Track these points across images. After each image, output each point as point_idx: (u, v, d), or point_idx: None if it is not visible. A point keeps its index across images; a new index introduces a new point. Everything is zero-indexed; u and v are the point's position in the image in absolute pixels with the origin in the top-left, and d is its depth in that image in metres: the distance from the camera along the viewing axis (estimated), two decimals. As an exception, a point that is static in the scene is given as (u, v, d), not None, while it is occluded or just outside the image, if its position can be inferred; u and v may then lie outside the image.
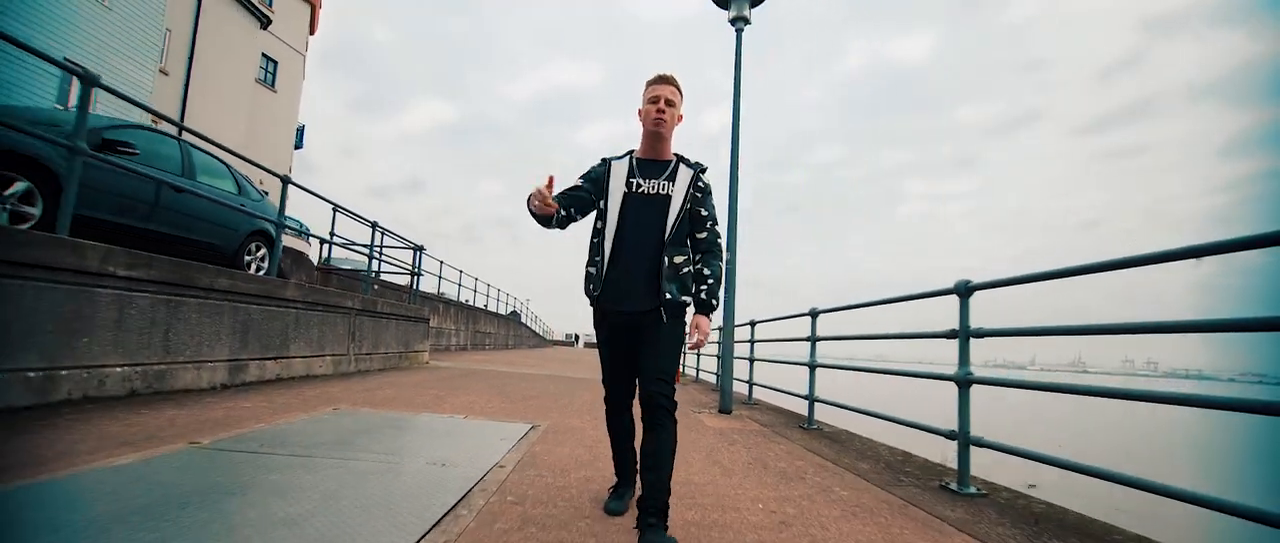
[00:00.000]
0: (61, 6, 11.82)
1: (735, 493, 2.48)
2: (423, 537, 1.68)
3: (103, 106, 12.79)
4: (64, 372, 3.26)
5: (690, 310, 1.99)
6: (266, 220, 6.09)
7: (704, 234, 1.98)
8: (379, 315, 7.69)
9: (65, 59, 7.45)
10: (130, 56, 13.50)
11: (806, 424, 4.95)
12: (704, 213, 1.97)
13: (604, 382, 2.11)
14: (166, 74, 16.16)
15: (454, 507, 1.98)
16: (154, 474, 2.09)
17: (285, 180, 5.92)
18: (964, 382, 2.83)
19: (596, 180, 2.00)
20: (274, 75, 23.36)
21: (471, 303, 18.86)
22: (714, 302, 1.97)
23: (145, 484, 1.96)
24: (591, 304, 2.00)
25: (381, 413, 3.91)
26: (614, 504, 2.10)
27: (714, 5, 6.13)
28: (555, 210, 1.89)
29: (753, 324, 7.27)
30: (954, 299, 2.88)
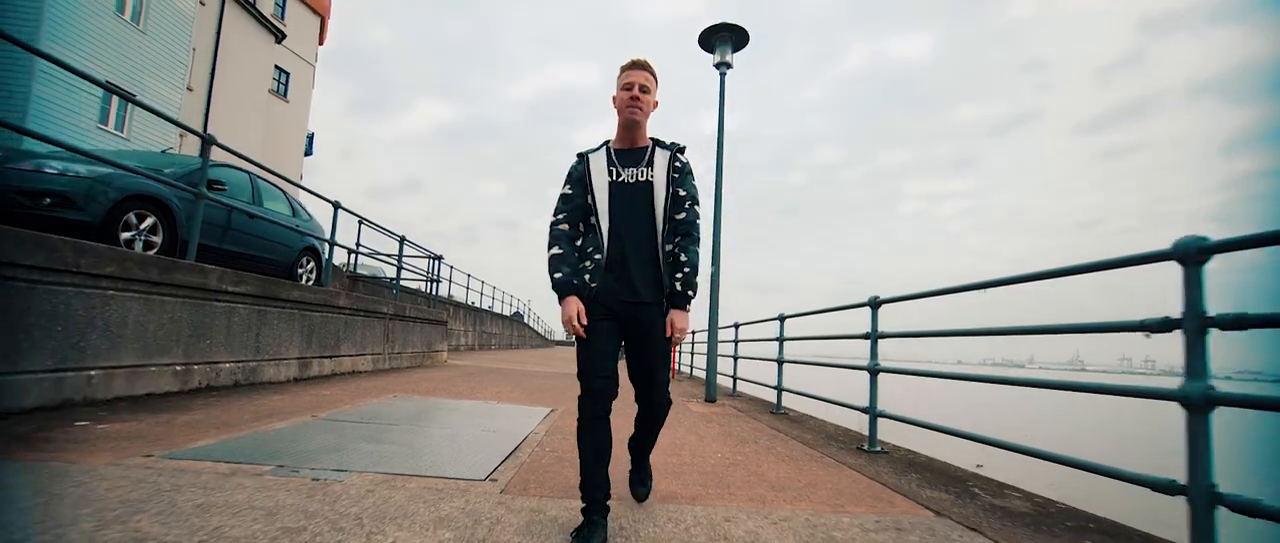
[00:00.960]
0: (102, 30, 12.78)
1: (703, 449, 3.49)
2: (503, 461, 2.70)
3: (139, 124, 13.72)
4: (196, 367, 4.27)
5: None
6: (317, 239, 7.10)
7: (683, 214, 1.91)
8: (407, 319, 8.70)
9: (106, 81, 8.16)
10: (162, 77, 14.48)
11: (775, 410, 5.96)
12: (683, 193, 1.92)
13: (584, 374, 1.83)
14: (191, 91, 17.13)
15: (513, 452, 2.99)
16: (306, 433, 3.09)
17: (336, 206, 6.93)
18: (873, 371, 3.86)
19: (580, 179, 1.93)
20: (286, 86, 24.31)
21: (478, 305, 19.85)
22: (690, 292, 1.89)
23: (307, 438, 2.97)
24: (586, 299, 1.87)
25: (432, 400, 4.92)
26: None
27: (701, 48, 7.12)
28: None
29: (737, 326, 8.15)
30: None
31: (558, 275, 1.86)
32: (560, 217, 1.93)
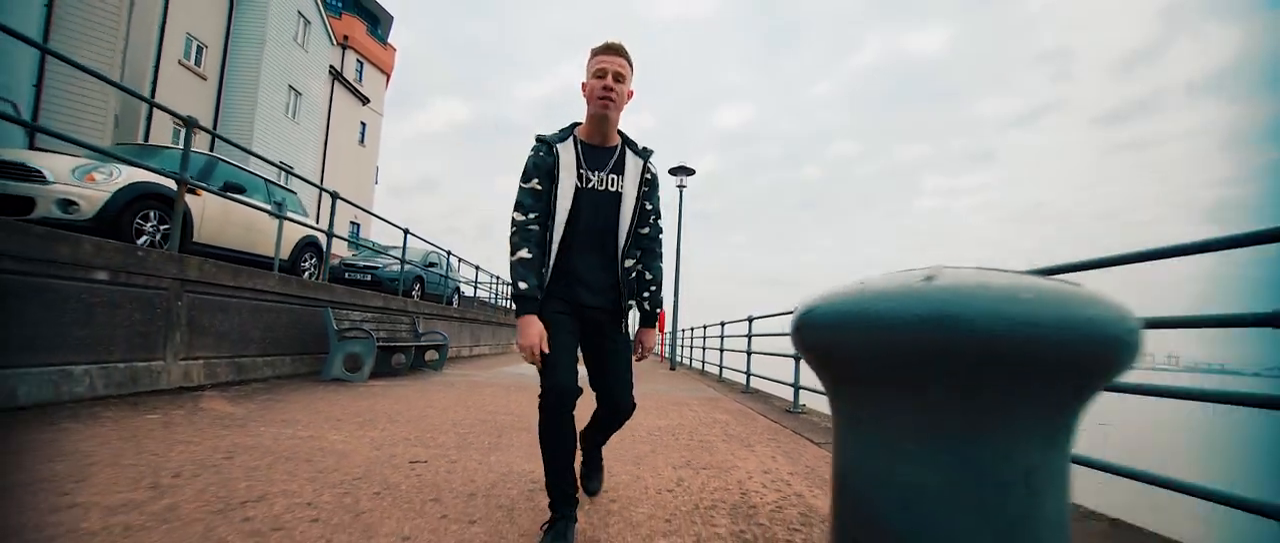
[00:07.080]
0: (278, 128, 18.95)
1: (649, 372, 9.37)
2: (587, 376, 8.67)
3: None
4: (456, 346, 10.29)
5: (634, 318, 1.94)
6: (462, 282, 13.15)
7: (647, 229, 1.90)
8: (500, 324, 14.77)
9: (279, 162, 13.83)
10: (306, 151, 20.65)
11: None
12: (650, 207, 1.89)
13: (548, 371, 1.67)
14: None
15: (588, 375, 8.92)
16: (520, 369, 9.06)
17: (477, 268, 12.96)
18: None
19: (549, 173, 1.76)
20: (363, 134, 30.45)
21: (521, 309, 25.85)
22: (658, 310, 1.94)
23: (522, 371, 8.93)
24: (525, 301, 1.68)
25: (540, 364, 10.88)
26: None
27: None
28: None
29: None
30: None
31: (524, 285, 1.68)
32: (532, 215, 1.74)
